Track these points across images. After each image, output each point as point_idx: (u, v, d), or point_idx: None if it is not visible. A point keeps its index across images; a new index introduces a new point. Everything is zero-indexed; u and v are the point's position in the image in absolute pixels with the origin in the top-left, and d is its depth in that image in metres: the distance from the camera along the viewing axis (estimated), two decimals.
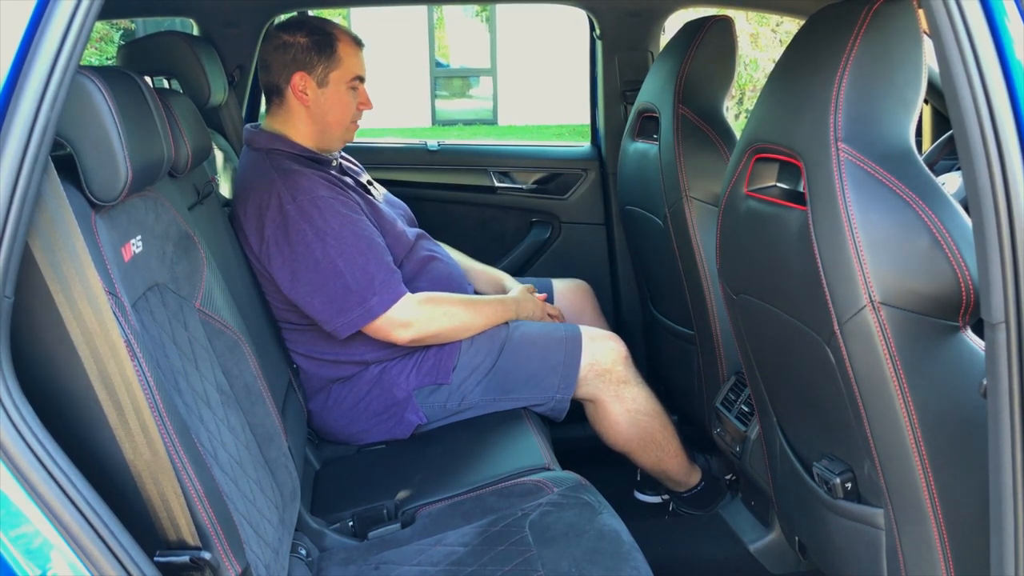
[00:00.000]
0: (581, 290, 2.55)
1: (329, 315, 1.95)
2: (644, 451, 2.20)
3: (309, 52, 2.04)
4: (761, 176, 1.52)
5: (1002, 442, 1.05)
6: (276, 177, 1.97)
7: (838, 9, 1.34)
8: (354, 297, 1.92)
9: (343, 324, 1.95)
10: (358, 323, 1.95)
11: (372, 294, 1.93)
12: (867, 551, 1.44)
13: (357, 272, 1.93)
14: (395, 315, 1.95)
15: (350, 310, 1.93)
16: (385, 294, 1.94)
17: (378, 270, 1.95)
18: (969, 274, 1.19)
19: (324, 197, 1.96)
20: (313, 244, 1.92)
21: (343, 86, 2.08)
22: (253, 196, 1.98)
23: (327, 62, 2.05)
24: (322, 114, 2.08)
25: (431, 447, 2.02)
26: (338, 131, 2.12)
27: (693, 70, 2.11)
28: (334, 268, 1.92)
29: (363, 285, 1.93)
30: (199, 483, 1.11)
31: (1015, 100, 1.01)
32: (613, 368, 2.13)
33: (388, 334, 1.98)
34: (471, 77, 13.42)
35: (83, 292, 0.99)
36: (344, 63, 2.07)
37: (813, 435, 1.58)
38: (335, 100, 2.08)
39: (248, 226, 1.98)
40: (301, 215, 1.93)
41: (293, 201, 1.93)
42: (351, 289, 1.92)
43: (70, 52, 0.95)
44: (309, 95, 2.05)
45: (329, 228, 1.93)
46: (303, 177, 1.98)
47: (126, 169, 1.15)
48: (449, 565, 1.53)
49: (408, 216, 2.34)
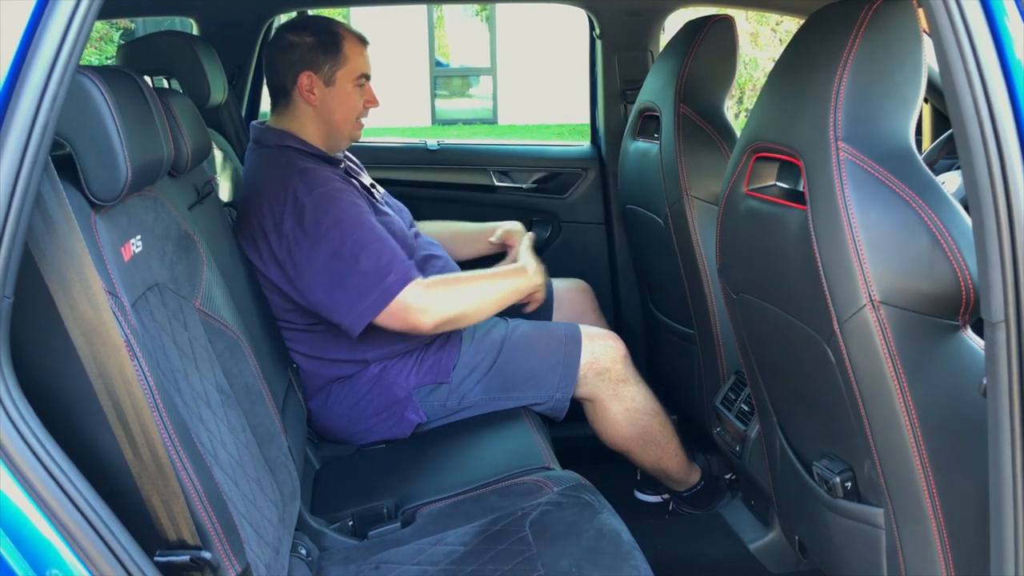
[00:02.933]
0: (581, 290, 2.55)
1: (349, 304, 1.90)
2: (643, 450, 2.19)
3: (315, 51, 2.04)
4: (761, 175, 1.52)
5: (1002, 441, 1.05)
6: (291, 173, 1.97)
7: (838, 8, 1.34)
8: (371, 279, 1.89)
9: (363, 310, 1.90)
10: (378, 306, 1.90)
11: (389, 272, 1.90)
12: (867, 550, 1.44)
13: (374, 257, 1.91)
14: (411, 299, 1.90)
15: (368, 293, 1.89)
16: (401, 272, 1.91)
17: (394, 255, 1.94)
18: (969, 273, 1.19)
19: (341, 188, 1.97)
20: (332, 233, 1.91)
21: (349, 84, 2.08)
22: (267, 193, 1.96)
23: (333, 60, 2.05)
24: (329, 112, 2.08)
25: (431, 446, 2.02)
26: (345, 129, 2.12)
27: (694, 69, 2.11)
28: (353, 255, 1.90)
29: (380, 267, 1.90)
30: (199, 483, 1.11)
31: (1015, 99, 1.01)
32: (612, 367, 2.14)
33: (408, 320, 1.92)
34: (471, 76, 13.42)
35: (83, 292, 0.99)
36: (350, 61, 2.07)
37: (813, 434, 1.58)
38: (342, 98, 2.08)
39: (265, 223, 1.95)
40: (319, 207, 1.92)
41: (310, 194, 1.93)
42: (367, 272, 1.89)
43: (70, 52, 0.94)
44: (316, 94, 2.06)
45: (346, 216, 1.92)
46: (318, 171, 1.99)
47: (126, 169, 1.15)
48: (449, 564, 1.53)
49: (409, 218, 2.35)
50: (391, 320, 1.92)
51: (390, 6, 9.31)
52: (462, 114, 12.86)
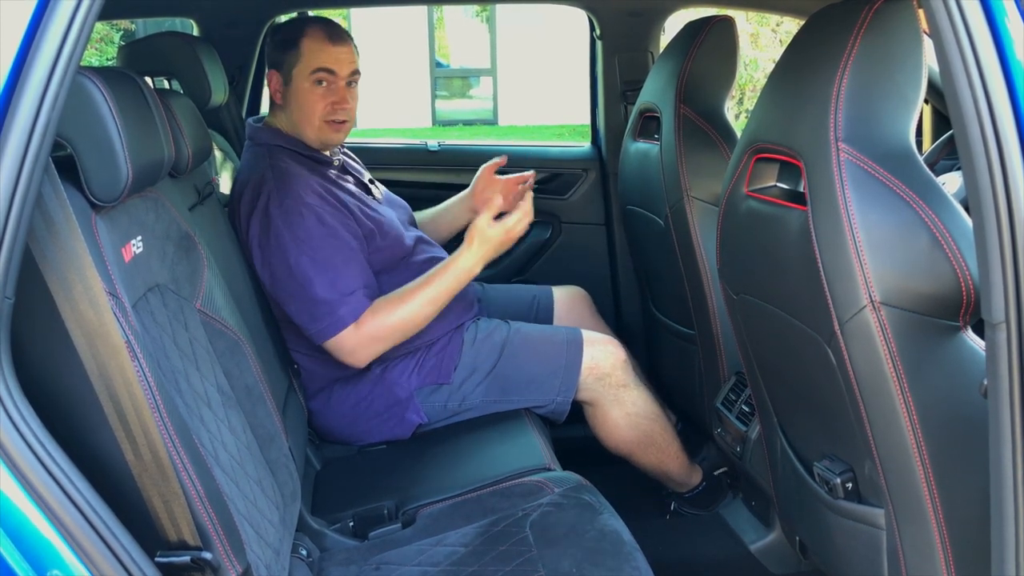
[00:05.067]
0: (579, 297, 2.55)
1: (303, 322, 1.94)
2: (644, 454, 2.20)
3: (277, 49, 2.07)
4: (761, 176, 1.52)
5: (1003, 442, 1.05)
6: (269, 177, 1.98)
7: (838, 9, 1.34)
8: (323, 307, 1.91)
9: (316, 332, 1.93)
10: (328, 333, 1.92)
11: (341, 305, 1.91)
12: (868, 551, 1.44)
13: (327, 286, 1.91)
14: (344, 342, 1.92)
15: (321, 318, 1.92)
16: (351, 305, 1.91)
17: (346, 287, 1.92)
18: (970, 274, 1.19)
19: (311, 205, 1.95)
20: (288, 252, 1.92)
21: (306, 81, 2.02)
22: (246, 193, 1.99)
23: (291, 58, 2.04)
24: (291, 111, 2.07)
25: (432, 447, 2.02)
26: (310, 130, 2.05)
27: (694, 70, 2.11)
28: (306, 277, 1.91)
29: (331, 298, 1.91)
30: (200, 484, 1.11)
31: (1015, 100, 1.01)
32: (613, 372, 2.14)
33: (341, 358, 1.95)
34: (471, 77, 13.42)
35: (83, 293, 0.99)
36: (305, 57, 2.01)
37: (814, 435, 1.58)
38: (299, 96, 2.04)
39: (238, 223, 1.99)
40: (283, 220, 1.92)
41: (279, 204, 1.93)
42: (319, 300, 1.91)
43: (70, 53, 0.94)
44: (281, 92, 2.07)
45: (308, 237, 1.92)
46: (296, 180, 1.97)
47: (126, 169, 1.15)
48: (450, 565, 1.53)
49: (409, 216, 2.34)
50: (331, 350, 1.95)
51: (390, 6, 9.31)
52: (462, 115, 12.86)
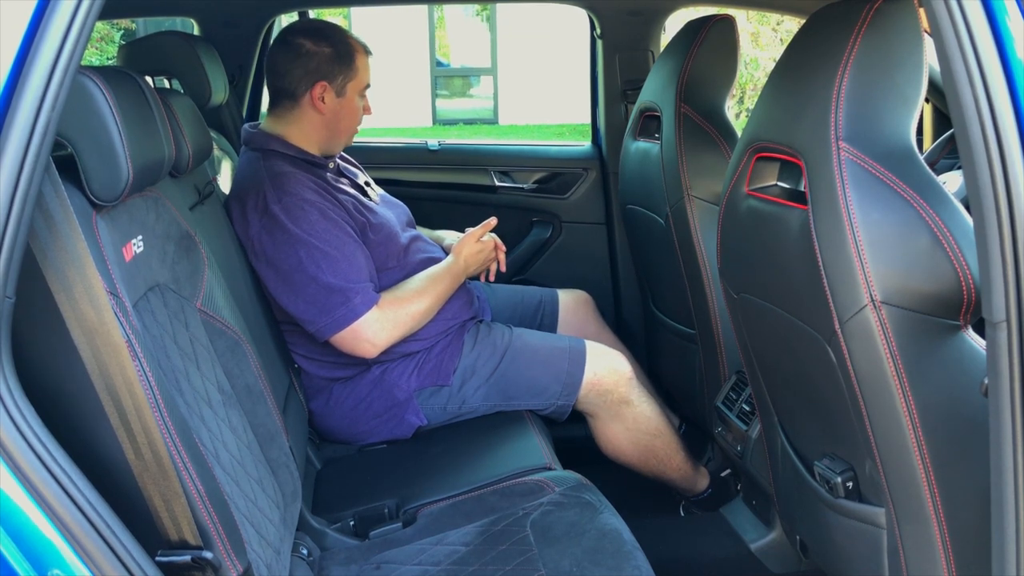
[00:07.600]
0: (583, 301, 2.55)
1: (311, 316, 1.93)
2: (645, 465, 2.21)
3: (332, 63, 2.06)
4: (762, 175, 1.52)
5: (1003, 441, 1.05)
6: (265, 178, 1.98)
7: (839, 8, 1.34)
8: (336, 296, 1.91)
9: (324, 325, 1.93)
10: (340, 324, 1.92)
11: (355, 294, 1.92)
12: (868, 550, 1.44)
13: (336, 275, 1.92)
14: (364, 328, 1.92)
15: (333, 309, 1.91)
16: (364, 296, 1.93)
17: (358, 277, 1.94)
18: (970, 273, 1.19)
19: (311, 200, 1.96)
20: (296, 245, 1.92)
21: (357, 96, 2.12)
22: (243, 196, 1.99)
23: (346, 73, 2.08)
24: (336, 122, 2.10)
25: (432, 447, 2.02)
26: (345, 137, 2.16)
27: (695, 69, 2.11)
28: (315, 270, 1.91)
29: (342, 287, 1.91)
30: (200, 483, 1.11)
31: (1016, 99, 1.01)
32: (615, 389, 2.14)
33: (356, 348, 1.95)
34: (472, 76, 13.42)
35: (84, 292, 0.99)
36: (359, 74, 2.11)
37: (814, 434, 1.58)
38: (349, 109, 2.11)
39: (237, 226, 1.99)
40: (287, 216, 1.93)
41: (279, 202, 1.94)
42: (333, 289, 1.91)
43: (71, 52, 0.94)
44: (327, 104, 2.07)
45: (313, 231, 1.93)
46: (293, 180, 1.98)
47: (127, 169, 1.16)
48: (450, 564, 1.53)
49: (407, 217, 2.34)
50: (341, 342, 1.95)
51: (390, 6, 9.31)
52: (463, 114, 12.86)
